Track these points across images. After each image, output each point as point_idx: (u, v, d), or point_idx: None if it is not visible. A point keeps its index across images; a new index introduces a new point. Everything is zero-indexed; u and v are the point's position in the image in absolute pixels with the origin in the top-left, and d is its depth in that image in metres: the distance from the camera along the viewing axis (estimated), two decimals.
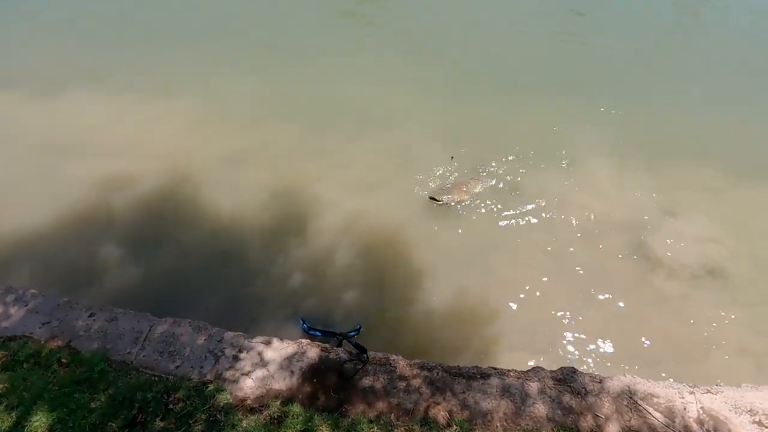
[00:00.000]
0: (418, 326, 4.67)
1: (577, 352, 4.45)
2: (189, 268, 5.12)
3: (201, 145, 6.75)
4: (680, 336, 4.64)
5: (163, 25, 10.11)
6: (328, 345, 3.74)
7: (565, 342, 4.54)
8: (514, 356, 4.34)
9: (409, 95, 7.87)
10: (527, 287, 4.98)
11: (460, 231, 5.61)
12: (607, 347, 4.49)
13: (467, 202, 5.91)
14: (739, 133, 7.51)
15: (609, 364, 4.36)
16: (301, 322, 4.55)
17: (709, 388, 3.42)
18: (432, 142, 6.89)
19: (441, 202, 5.88)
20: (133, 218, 5.70)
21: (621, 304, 4.89)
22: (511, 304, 4.83)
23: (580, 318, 4.73)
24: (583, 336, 4.58)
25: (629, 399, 3.31)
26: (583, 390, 3.35)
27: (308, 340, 3.79)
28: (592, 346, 4.50)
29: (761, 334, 4.65)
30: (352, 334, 4.38)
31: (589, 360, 4.40)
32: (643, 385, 3.40)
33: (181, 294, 4.87)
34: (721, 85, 8.68)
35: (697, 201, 6.19)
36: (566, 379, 3.42)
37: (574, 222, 5.78)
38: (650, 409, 3.25)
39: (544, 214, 5.84)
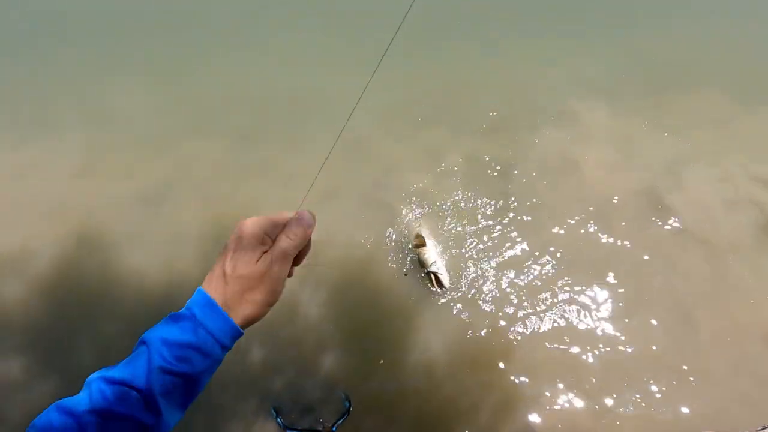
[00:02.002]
0: (418, 383, 3.74)
1: (619, 383, 3.60)
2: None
3: (101, 187, 5.30)
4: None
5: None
6: None
7: (593, 363, 3.72)
8: (545, 408, 3.50)
9: (349, 73, 6.38)
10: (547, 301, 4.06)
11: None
12: (653, 362, 3.68)
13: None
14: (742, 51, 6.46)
15: (662, 395, 3.54)
16: (274, 414, 3.57)
17: None
18: (389, 127, 5.62)
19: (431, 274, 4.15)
20: (34, 309, 4.42)
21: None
22: (522, 327, 3.93)
23: (614, 328, 3.89)
24: (612, 346, 3.76)
25: None
26: None
27: None
28: (630, 364, 3.69)
29: None
30: (341, 420, 3.44)
31: (637, 395, 3.56)
32: None
33: None
34: None
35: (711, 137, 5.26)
36: None
37: (577, 193, 4.79)
38: None
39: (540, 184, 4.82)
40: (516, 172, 5.00)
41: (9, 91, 6.71)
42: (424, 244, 4.30)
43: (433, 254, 4.22)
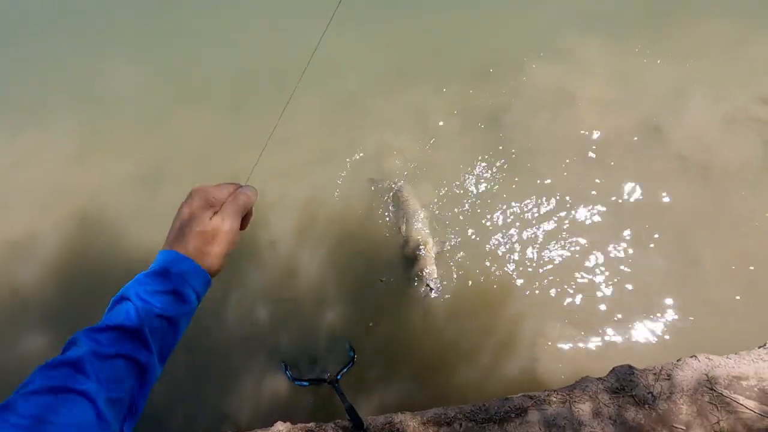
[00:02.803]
0: (417, 332, 3.81)
1: (620, 317, 3.60)
2: None
3: (99, 170, 5.37)
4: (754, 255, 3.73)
5: None
6: (312, 426, 2.89)
7: (597, 298, 3.71)
8: (546, 345, 3.54)
9: (332, 31, 6.17)
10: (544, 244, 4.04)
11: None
12: (654, 294, 3.66)
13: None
14: None
15: (665, 325, 3.53)
16: (284, 368, 3.69)
17: None
18: (380, 83, 5.48)
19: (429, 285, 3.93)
20: (48, 291, 4.59)
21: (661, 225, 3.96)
22: (522, 276, 3.92)
23: (611, 257, 3.85)
24: (616, 280, 3.74)
25: (710, 392, 2.53)
26: (649, 396, 2.55)
27: (286, 425, 2.93)
28: (632, 298, 3.68)
29: None
30: (345, 369, 3.54)
31: (639, 326, 3.55)
32: (723, 367, 2.60)
33: None
34: None
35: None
36: (624, 386, 2.61)
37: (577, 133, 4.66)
38: (740, 399, 2.48)
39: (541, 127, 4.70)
40: (509, 116, 4.87)
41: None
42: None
43: (431, 263, 3.98)
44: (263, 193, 4.75)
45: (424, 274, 3.90)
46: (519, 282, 3.86)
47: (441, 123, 4.97)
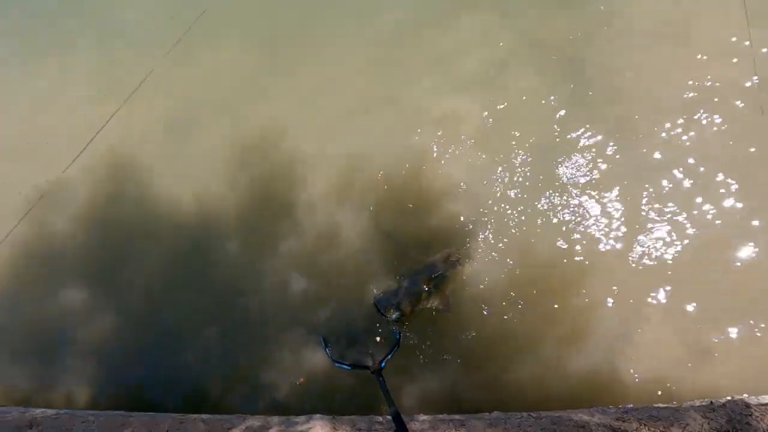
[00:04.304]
0: (469, 315, 3.39)
1: (729, 325, 2.99)
2: (162, 306, 3.94)
3: (123, 114, 4.91)
4: None
5: None
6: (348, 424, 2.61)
7: (703, 298, 3.11)
8: (624, 345, 3.03)
9: None
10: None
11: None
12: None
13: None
14: None
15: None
16: (323, 344, 3.41)
17: None
18: (433, 8, 4.59)
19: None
20: (81, 241, 4.44)
21: None
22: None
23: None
24: (733, 277, 3.11)
25: None
26: None
27: (322, 421, 2.67)
28: (750, 303, 3.05)
29: None
30: (390, 354, 3.21)
31: (753, 340, 2.93)
32: None
33: (160, 342, 3.81)
34: None
35: None
36: (738, 429, 2.11)
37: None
38: None
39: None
40: (594, 54, 3.97)
41: (18, 19, 6.23)
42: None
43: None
44: (299, 148, 4.27)
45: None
46: (597, 265, 3.28)
47: (509, 64, 4.14)
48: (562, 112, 3.77)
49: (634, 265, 3.23)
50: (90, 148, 4.80)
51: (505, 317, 3.31)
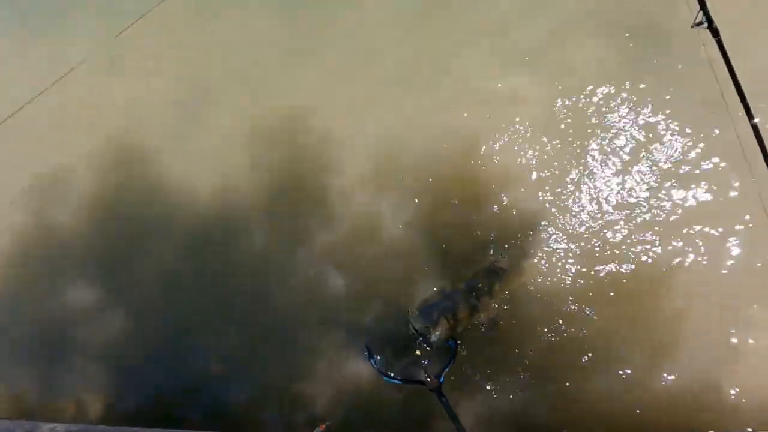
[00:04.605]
0: (536, 320, 2.94)
1: None
2: (180, 304, 3.54)
3: (130, 88, 4.40)
4: None
5: None
6: None
7: None
8: (729, 359, 2.58)
9: None
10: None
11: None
12: None
13: None
14: None
15: None
16: (367, 354, 2.97)
17: None
18: None
19: None
20: (87, 234, 4.00)
21: None
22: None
23: None
24: None
25: None
26: None
27: None
28: None
29: None
30: (447, 367, 2.78)
31: None
32: None
33: (182, 343, 3.42)
34: None
35: None
36: None
37: None
38: None
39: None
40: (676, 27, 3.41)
41: None
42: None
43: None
44: (329, 129, 3.74)
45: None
46: (695, 268, 2.81)
47: (573, 36, 3.58)
48: (642, 86, 3.24)
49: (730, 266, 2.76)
50: (93, 129, 4.29)
51: (578, 327, 2.87)
